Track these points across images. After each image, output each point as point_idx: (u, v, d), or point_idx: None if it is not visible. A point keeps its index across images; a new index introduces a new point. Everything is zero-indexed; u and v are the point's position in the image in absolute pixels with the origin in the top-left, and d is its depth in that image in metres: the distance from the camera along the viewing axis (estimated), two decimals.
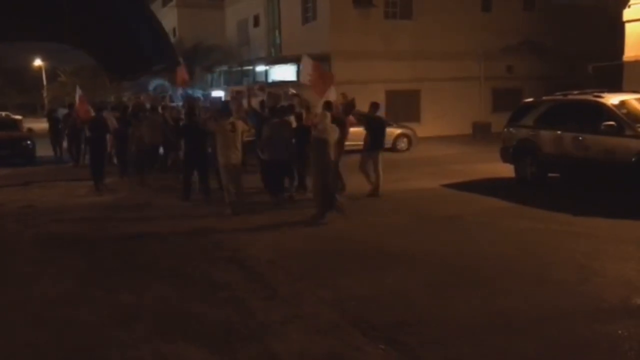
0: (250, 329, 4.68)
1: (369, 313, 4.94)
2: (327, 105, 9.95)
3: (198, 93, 26.59)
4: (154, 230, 8.44)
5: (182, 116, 12.80)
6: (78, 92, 17.42)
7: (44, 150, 18.38)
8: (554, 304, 5.04)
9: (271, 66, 26.68)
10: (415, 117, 22.81)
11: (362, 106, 19.47)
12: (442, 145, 19.82)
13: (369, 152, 10.66)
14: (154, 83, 27.93)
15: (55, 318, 5.06)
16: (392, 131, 18.69)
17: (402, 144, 18.57)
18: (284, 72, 25.97)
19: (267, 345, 4.37)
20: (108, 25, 3.79)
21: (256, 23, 30.05)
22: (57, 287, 5.92)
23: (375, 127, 10.70)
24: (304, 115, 10.74)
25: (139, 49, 4.12)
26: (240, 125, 9.43)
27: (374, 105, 11.09)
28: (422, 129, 20.98)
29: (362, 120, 11.05)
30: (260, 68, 26.97)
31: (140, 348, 4.38)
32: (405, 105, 22.81)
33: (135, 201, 10.76)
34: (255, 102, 13.93)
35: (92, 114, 13.91)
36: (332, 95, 11.37)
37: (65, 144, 17.62)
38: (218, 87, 29.32)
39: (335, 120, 9.07)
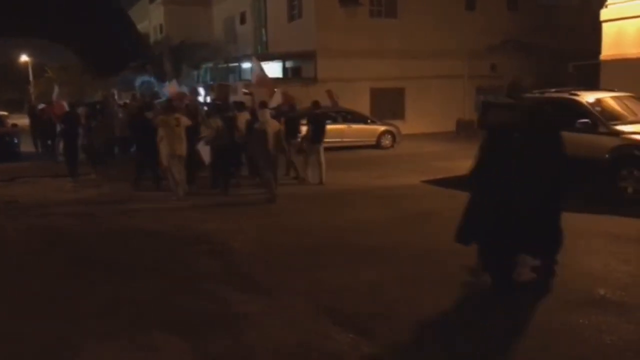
0: (226, 320, 4.80)
1: (342, 304, 5.09)
2: (263, 103, 11.07)
3: (184, 90, 26.59)
4: (135, 223, 8.57)
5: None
6: (56, 91, 17.82)
7: (29, 146, 18.35)
8: (521, 295, 5.22)
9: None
10: (399, 114, 23.02)
11: (348, 104, 19.72)
12: (425, 142, 20.03)
13: (311, 145, 11.77)
14: (140, 79, 27.91)
15: (36, 309, 5.16)
16: (376, 128, 18.91)
17: (386, 141, 18.75)
18: (270, 69, 26.08)
19: (242, 335, 4.50)
20: (83, 23, 3.86)
21: (243, 20, 30.11)
22: (38, 279, 6.02)
23: (315, 123, 11.80)
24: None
25: (114, 46, 4.20)
26: (184, 120, 10.37)
27: (315, 104, 12.29)
28: (407, 126, 21.21)
29: (305, 116, 12.29)
30: (246, 65, 27.03)
31: (116, 338, 4.49)
32: (390, 103, 23.03)
33: (117, 196, 10.84)
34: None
35: (66, 109, 14.63)
36: (277, 96, 12.87)
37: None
38: (205, 83, 29.36)
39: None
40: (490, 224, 5.32)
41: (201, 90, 22.54)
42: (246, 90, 16.49)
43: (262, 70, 14.41)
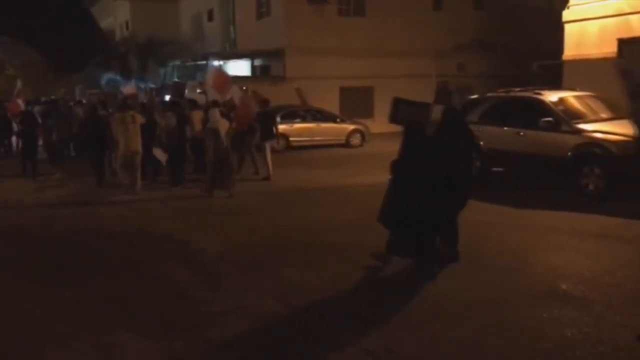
0: (191, 320, 4.75)
1: (310, 303, 5.09)
2: (214, 103, 11.75)
3: (142, 89, 26.22)
4: (98, 224, 8.43)
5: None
6: (18, 85, 17.53)
7: None
8: (487, 291, 5.30)
9: (225, 61, 26.55)
10: (368, 113, 23.09)
11: (317, 102, 19.69)
12: (394, 141, 19.79)
13: (259, 142, 12.39)
14: (106, 77, 27.38)
15: None
16: (346, 127, 18.95)
17: (356, 139, 18.81)
18: (238, 68, 25.90)
19: (207, 335, 4.45)
20: (39, 19, 3.75)
21: (210, 18, 29.82)
22: None
23: (264, 121, 12.34)
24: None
25: (72, 43, 4.10)
26: (139, 117, 10.75)
27: (264, 102, 12.91)
28: (376, 125, 21.26)
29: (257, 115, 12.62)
30: (214, 63, 26.80)
31: (80, 339, 4.41)
32: (359, 102, 23.10)
33: (80, 196, 10.64)
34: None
35: (22, 108, 15.23)
36: (236, 95, 13.31)
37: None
38: (171, 81, 28.98)
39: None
40: (404, 210, 5.97)
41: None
42: (199, 90, 16.68)
43: (220, 69, 15.23)
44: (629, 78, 8.43)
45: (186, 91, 17.52)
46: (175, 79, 26.61)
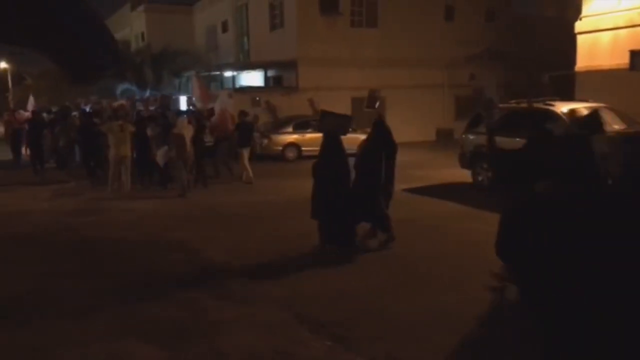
0: (201, 328, 4.82)
1: (318, 311, 5.13)
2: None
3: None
4: (111, 232, 8.53)
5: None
6: (30, 101, 20.18)
7: (5, 154, 18.14)
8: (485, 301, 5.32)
9: (239, 72, 26.81)
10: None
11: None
12: (405, 150, 19.96)
13: (237, 148, 13.45)
14: (121, 87, 27.73)
15: (8, 318, 5.12)
16: (357, 137, 18.92)
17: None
18: (252, 78, 26.12)
19: (217, 343, 4.52)
20: (55, 31, 3.84)
21: (225, 29, 30.14)
22: (12, 287, 5.96)
23: (242, 130, 13.43)
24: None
25: (88, 56, 4.18)
26: (128, 126, 11.99)
27: (242, 113, 13.74)
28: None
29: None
30: (228, 74, 27.06)
31: (90, 346, 4.49)
32: (370, 112, 23.15)
33: (93, 205, 10.79)
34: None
35: (28, 115, 17.07)
36: (218, 105, 14.67)
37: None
38: (186, 92, 29.27)
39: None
40: (328, 203, 7.04)
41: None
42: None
43: (200, 80, 17.14)
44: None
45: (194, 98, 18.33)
46: (170, 91, 26.96)
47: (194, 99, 17.04)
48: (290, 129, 18.33)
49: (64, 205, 10.80)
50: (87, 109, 17.50)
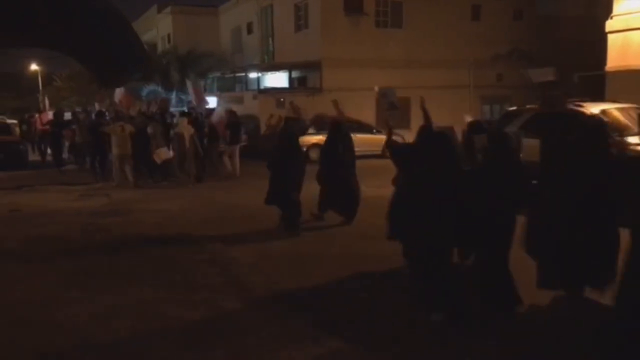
0: (224, 330, 4.81)
1: (343, 315, 5.09)
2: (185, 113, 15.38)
3: (190, 98, 26.75)
4: (137, 231, 8.62)
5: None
6: (46, 104, 23.14)
7: (37, 154, 18.58)
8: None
9: (264, 73, 26.92)
10: (405, 124, 23.00)
11: (354, 113, 19.75)
12: None
13: (228, 146, 14.78)
14: (147, 89, 28.06)
15: (37, 319, 5.18)
16: (382, 138, 18.86)
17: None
18: (276, 79, 26.21)
19: (240, 346, 4.50)
20: (84, 35, 3.89)
21: (249, 30, 30.30)
22: (40, 289, 6.03)
23: (232, 128, 14.79)
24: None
25: (116, 60, 4.23)
26: (128, 127, 13.26)
27: (232, 113, 15.27)
28: (413, 136, 21.10)
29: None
30: (253, 75, 27.20)
31: (116, 348, 4.51)
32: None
33: (121, 206, 10.91)
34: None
35: (51, 117, 18.92)
36: (219, 113, 16.37)
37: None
38: (211, 93, 29.49)
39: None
40: (279, 191, 8.38)
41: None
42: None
43: (196, 84, 19.61)
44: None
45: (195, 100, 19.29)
46: (217, 91, 27.28)
47: (193, 102, 18.75)
48: (314, 130, 18.32)
49: (92, 206, 10.96)
50: (103, 110, 18.87)
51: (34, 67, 45.36)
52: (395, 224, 6.24)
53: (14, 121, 24.72)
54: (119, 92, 17.69)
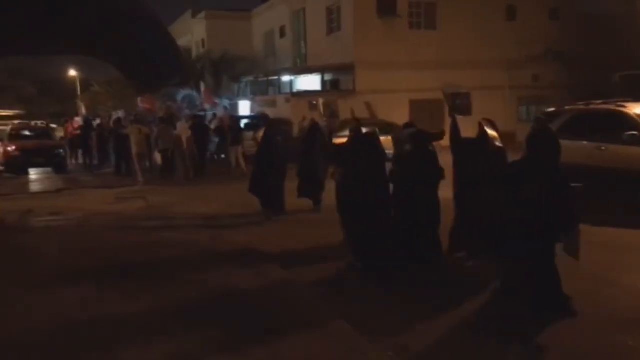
0: (259, 332, 4.80)
1: (376, 324, 5.03)
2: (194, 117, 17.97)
3: (225, 102, 27.04)
4: (174, 234, 8.70)
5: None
6: (82, 109, 25.03)
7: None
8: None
9: (296, 76, 26.99)
10: (439, 126, 22.72)
11: (387, 115, 19.66)
12: None
13: (230, 147, 16.54)
14: (182, 93, 28.44)
15: (75, 320, 5.23)
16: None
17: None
18: (309, 82, 26.25)
19: (275, 348, 4.49)
20: (123, 42, 3.94)
21: (282, 34, 30.44)
22: (77, 290, 6.10)
23: (233, 129, 16.74)
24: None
25: (154, 66, 4.28)
26: (144, 129, 15.92)
27: (233, 117, 18.00)
28: (447, 138, 20.95)
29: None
30: (285, 78, 27.30)
31: (150, 348, 4.54)
32: (429, 115, 22.79)
33: (158, 209, 11.06)
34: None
35: (81, 124, 21.11)
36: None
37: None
38: (245, 97, 29.73)
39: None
40: (265, 183, 9.79)
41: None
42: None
43: (208, 94, 22.49)
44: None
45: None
46: (250, 94, 27.81)
47: (205, 105, 21.02)
48: (347, 132, 18.32)
49: (128, 209, 11.13)
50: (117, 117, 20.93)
51: (72, 72, 46.43)
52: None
53: (55, 126, 25.40)
54: (203, 93, 20.40)
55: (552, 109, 12.15)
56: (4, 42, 5.91)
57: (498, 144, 6.54)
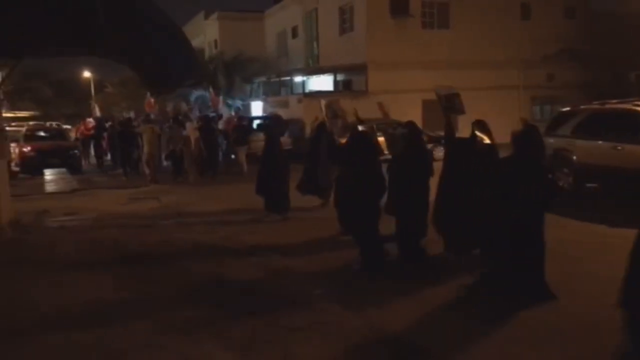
0: (273, 334, 4.79)
1: (392, 325, 4.99)
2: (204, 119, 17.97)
3: (238, 103, 27.11)
4: (188, 234, 8.72)
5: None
6: (96, 110, 25.25)
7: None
8: (577, 316, 5.00)
9: (309, 77, 27.00)
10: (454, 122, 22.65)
11: (400, 115, 19.58)
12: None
13: (236, 147, 16.98)
14: (195, 94, 28.55)
15: (94, 321, 5.25)
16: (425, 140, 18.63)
17: (439, 152, 18.47)
18: (321, 83, 26.24)
19: (289, 349, 4.48)
20: (138, 43, 3.95)
21: (294, 34, 30.47)
22: (94, 291, 6.14)
23: (239, 132, 17.01)
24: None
25: (168, 66, 4.30)
26: (156, 129, 16.29)
27: (240, 118, 18.05)
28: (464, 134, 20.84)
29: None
30: (298, 79, 27.31)
31: (168, 350, 4.55)
32: (442, 115, 22.70)
33: (171, 208, 11.10)
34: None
35: (94, 124, 21.50)
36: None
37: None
38: (257, 97, 29.78)
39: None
40: (269, 184, 9.72)
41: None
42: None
43: (214, 97, 21.84)
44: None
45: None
46: (262, 95, 27.93)
47: (212, 107, 21.31)
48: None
49: (142, 209, 11.19)
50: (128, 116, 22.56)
51: (86, 74, 46.80)
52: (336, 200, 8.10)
53: (69, 127, 25.65)
54: (213, 97, 20.83)
55: (567, 109, 12.06)
56: (21, 43, 5.97)
57: (486, 141, 6.80)
